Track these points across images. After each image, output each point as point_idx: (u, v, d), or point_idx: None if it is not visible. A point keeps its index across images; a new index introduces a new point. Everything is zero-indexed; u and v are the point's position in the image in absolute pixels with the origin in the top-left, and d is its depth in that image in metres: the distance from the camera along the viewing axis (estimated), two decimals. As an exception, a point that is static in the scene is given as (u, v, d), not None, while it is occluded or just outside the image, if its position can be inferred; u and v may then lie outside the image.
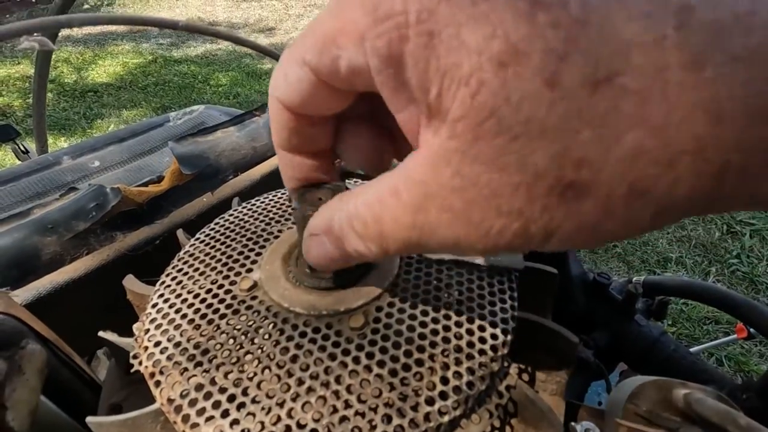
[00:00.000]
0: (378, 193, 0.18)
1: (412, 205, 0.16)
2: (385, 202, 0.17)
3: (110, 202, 0.46)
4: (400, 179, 0.17)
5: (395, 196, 0.17)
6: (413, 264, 0.33)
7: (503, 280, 0.33)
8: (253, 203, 0.43)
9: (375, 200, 0.18)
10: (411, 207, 0.16)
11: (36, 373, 0.30)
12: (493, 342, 0.28)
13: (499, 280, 0.33)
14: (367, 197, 0.18)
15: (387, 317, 0.29)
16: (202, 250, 0.37)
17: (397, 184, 0.17)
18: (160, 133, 1.02)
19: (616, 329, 0.51)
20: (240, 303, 0.31)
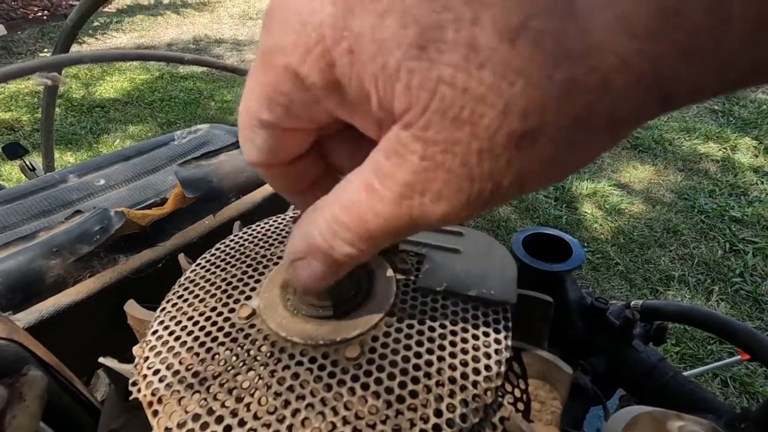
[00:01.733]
0: (352, 194, 0.18)
1: (390, 197, 0.17)
2: (363, 201, 0.18)
3: (114, 225, 0.47)
4: (371, 175, 0.17)
5: (372, 192, 0.17)
6: (408, 293, 0.34)
7: (497, 309, 0.33)
8: (253, 228, 0.44)
9: (352, 201, 0.18)
10: (390, 198, 0.17)
11: (36, 399, 0.31)
12: (487, 373, 0.28)
13: (493, 309, 0.33)
14: (342, 201, 0.19)
15: (382, 347, 0.30)
16: (202, 276, 0.38)
17: (369, 181, 0.17)
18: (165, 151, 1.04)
19: (613, 355, 0.51)
20: (238, 331, 0.32)
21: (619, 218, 2.36)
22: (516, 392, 0.34)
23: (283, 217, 0.46)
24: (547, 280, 0.55)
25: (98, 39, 5.74)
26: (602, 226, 2.30)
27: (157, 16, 6.55)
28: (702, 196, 2.48)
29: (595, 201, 2.48)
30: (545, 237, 0.61)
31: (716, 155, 2.84)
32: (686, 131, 3.13)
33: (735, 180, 2.59)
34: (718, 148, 2.91)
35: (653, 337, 0.54)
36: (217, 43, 5.52)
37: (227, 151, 0.62)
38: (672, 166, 2.78)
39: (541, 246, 0.60)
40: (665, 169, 2.75)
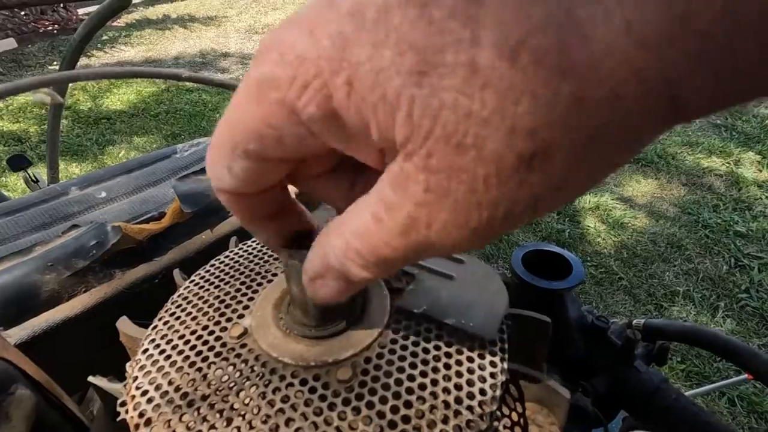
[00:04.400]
0: (362, 222, 0.18)
1: (397, 229, 0.17)
2: (372, 231, 0.18)
3: (110, 240, 0.47)
4: (379, 206, 0.17)
5: (379, 224, 0.17)
6: (403, 313, 0.33)
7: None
8: (249, 244, 0.44)
9: (363, 230, 0.18)
10: (397, 230, 0.17)
11: (23, 419, 0.30)
12: (482, 397, 0.28)
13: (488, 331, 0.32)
14: (354, 228, 0.18)
15: (375, 369, 0.29)
16: (195, 293, 0.37)
17: (377, 212, 0.17)
18: (167, 164, 1.04)
19: (615, 375, 0.50)
20: (229, 351, 0.31)
21: (623, 232, 2.34)
22: (513, 416, 0.33)
23: (280, 233, 0.46)
24: (547, 298, 0.54)
25: (106, 53, 5.84)
26: (605, 240, 2.28)
27: (165, 30, 6.66)
28: (706, 211, 2.46)
29: (598, 215, 2.47)
30: (546, 254, 0.60)
31: (720, 170, 2.83)
32: (689, 145, 3.13)
33: (739, 195, 2.57)
34: (722, 162, 2.90)
35: (655, 358, 0.53)
36: (223, 57, 5.59)
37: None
38: (675, 180, 2.77)
39: (542, 263, 0.60)
40: (668, 184, 2.74)
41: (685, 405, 0.46)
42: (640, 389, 0.48)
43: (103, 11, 1.01)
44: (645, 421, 0.48)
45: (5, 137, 3.45)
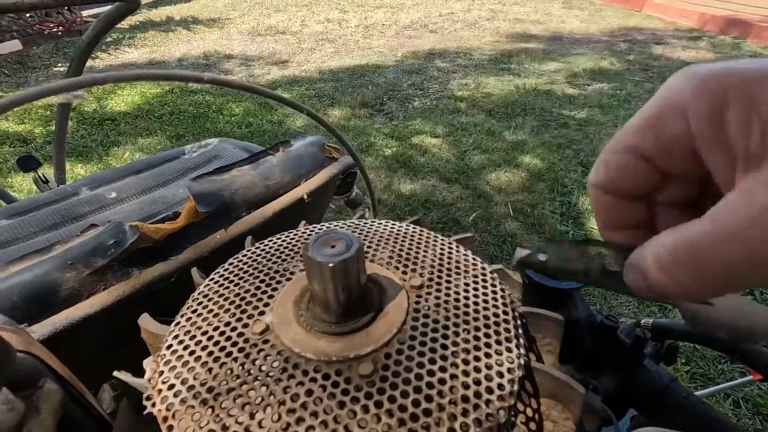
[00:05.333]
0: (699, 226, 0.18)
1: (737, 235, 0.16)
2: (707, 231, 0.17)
3: (128, 239, 0.48)
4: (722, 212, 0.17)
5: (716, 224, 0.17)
6: (421, 310, 0.34)
7: (509, 328, 0.33)
8: (266, 243, 0.44)
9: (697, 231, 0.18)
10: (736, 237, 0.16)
11: (51, 413, 0.31)
12: (500, 392, 0.28)
13: (505, 328, 0.33)
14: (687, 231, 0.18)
15: (395, 365, 0.30)
16: (215, 291, 0.38)
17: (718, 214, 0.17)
18: (175, 165, 1.05)
19: (624, 374, 0.50)
20: (252, 346, 0.32)
21: (626, 234, 2.34)
22: (528, 411, 0.34)
23: (295, 233, 0.47)
24: (556, 298, 0.55)
25: (111, 54, 5.86)
26: (609, 242, 2.28)
27: (168, 32, 6.69)
28: (709, 213, 2.47)
29: (602, 216, 2.47)
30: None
31: (723, 171, 2.83)
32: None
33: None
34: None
35: (664, 357, 0.54)
36: (226, 59, 5.62)
37: (239, 167, 0.63)
38: (679, 182, 2.77)
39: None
40: (672, 185, 2.74)
41: (694, 403, 0.46)
42: (650, 388, 0.48)
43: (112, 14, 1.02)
44: (654, 420, 0.49)
45: (11, 138, 3.47)
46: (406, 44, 6.00)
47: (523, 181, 2.82)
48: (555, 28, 6.49)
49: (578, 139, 3.31)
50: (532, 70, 4.81)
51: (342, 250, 0.30)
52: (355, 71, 4.95)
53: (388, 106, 4.04)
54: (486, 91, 4.24)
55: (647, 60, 4.96)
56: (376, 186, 2.80)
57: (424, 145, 3.30)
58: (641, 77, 4.51)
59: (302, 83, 4.65)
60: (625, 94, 4.08)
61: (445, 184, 2.82)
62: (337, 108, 4.00)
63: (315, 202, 0.72)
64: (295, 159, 0.67)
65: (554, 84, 4.38)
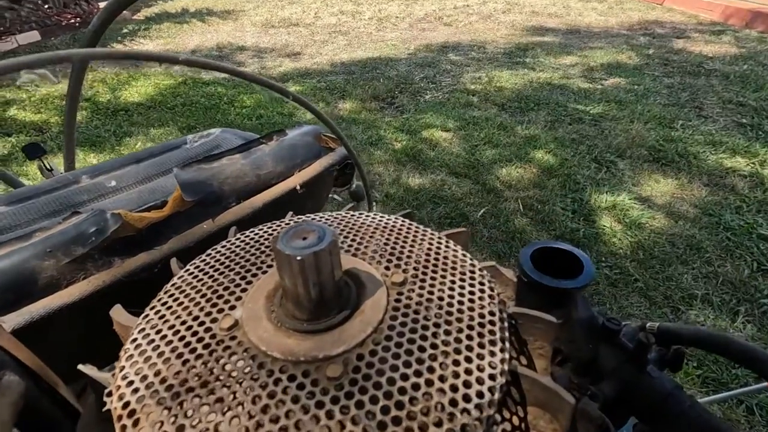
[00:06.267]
0: None
1: None
2: None
3: (110, 227, 0.47)
4: None
5: None
6: (400, 309, 0.32)
7: (495, 330, 0.31)
8: (246, 234, 0.43)
9: None
10: None
11: (9, 406, 0.30)
12: (479, 401, 0.26)
13: (490, 330, 0.31)
14: None
15: (367, 367, 0.28)
16: (189, 283, 0.36)
17: None
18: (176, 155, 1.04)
19: (626, 380, 0.47)
20: (218, 343, 0.30)
21: (640, 233, 2.28)
22: (514, 420, 0.31)
23: (279, 224, 0.45)
24: (556, 298, 0.52)
25: (126, 45, 5.91)
26: (621, 241, 2.23)
27: (183, 24, 6.73)
28: (728, 213, 2.38)
29: (615, 215, 2.41)
30: (555, 252, 0.58)
31: (744, 170, 2.73)
32: (712, 144, 3.03)
33: (764, 196, 2.48)
34: (746, 162, 2.80)
35: (669, 363, 0.51)
36: (239, 51, 5.62)
37: (230, 155, 0.61)
38: (696, 180, 2.68)
39: (551, 261, 0.57)
40: (689, 184, 2.65)
41: (699, 413, 0.44)
42: (652, 395, 0.46)
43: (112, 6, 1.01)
44: (656, 428, 0.46)
45: (27, 127, 3.53)
46: (419, 37, 5.92)
47: (535, 177, 2.77)
48: (572, 22, 6.34)
49: (592, 134, 3.22)
50: (547, 64, 4.71)
51: (313, 243, 0.28)
52: (367, 64, 4.91)
53: (400, 99, 4.00)
54: (499, 85, 4.16)
55: (667, 54, 4.81)
56: (384, 180, 2.77)
57: (435, 139, 3.25)
58: (660, 72, 4.37)
59: (314, 75, 4.63)
60: (643, 89, 3.97)
61: (454, 178, 2.78)
62: (348, 101, 3.97)
63: (311, 192, 0.70)
64: (288, 149, 0.65)
65: (569, 78, 4.28)
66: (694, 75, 4.27)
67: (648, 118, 3.41)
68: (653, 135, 3.15)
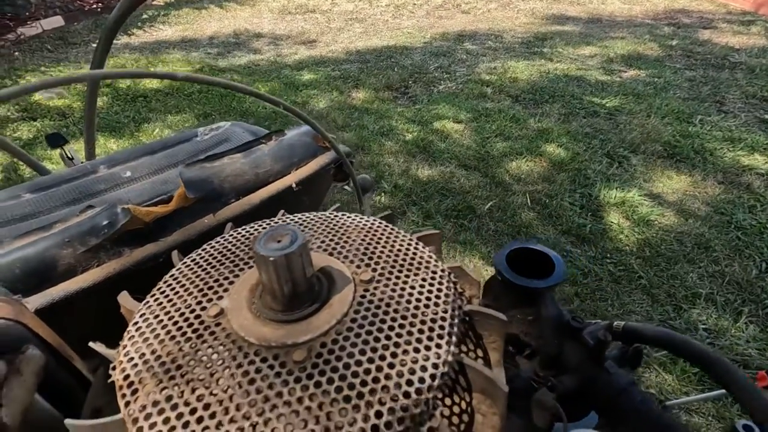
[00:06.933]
0: None
1: None
2: None
3: (120, 221, 0.52)
4: None
5: None
6: (364, 304, 0.36)
7: (444, 326, 0.35)
8: (239, 231, 0.47)
9: None
10: None
11: (32, 375, 0.35)
12: (419, 385, 0.30)
13: (440, 326, 0.35)
14: None
15: (328, 353, 0.32)
16: (185, 274, 0.41)
17: None
18: (188, 147, 1.10)
19: (585, 374, 0.51)
20: (206, 328, 0.35)
21: (647, 230, 2.27)
22: (462, 404, 0.36)
23: (269, 222, 0.49)
24: (528, 296, 0.56)
25: (146, 31, 6.02)
26: (628, 238, 2.23)
27: (201, 10, 6.79)
28: (741, 212, 2.35)
29: (623, 211, 2.40)
30: (532, 252, 0.61)
31: (761, 168, 2.67)
32: (730, 141, 2.97)
33: (780, 196, 2.44)
34: (765, 160, 2.74)
35: (630, 360, 0.54)
36: (256, 38, 5.67)
37: (231, 155, 0.66)
38: (711, 177, 2.64)
39: (529, 261, 0.61)
40: (703, 181, 2.62)
41: (649, 408, 0.47)
42: (607, 390, 0.49)
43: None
44: (610, 421, 0.50)
45: (51, 112, 3.66)
46: (436, 25, 5.87)
47: (544, 170, 2.76)
48: (594, 10, 6.18)
49: (607, 128, 3.19)
50: (565, 54, 4.63)
51: (286, 245, 0.33)
52: (382, 52, 4.90)
53: (413, 89, 4.00)
54: (514, 75, 4.12)
55: (691, 46, 4.67)
56: (394, 170, 2.80)
57: (446, 130, 3.26)
58: (682, 64, 4.26)
59: (328, 64, 4.65)
60: (663, 82, 3.88)
61: (463, 171, 2.80)
62: (362, 90, 3.99)
63: (307, 189, 0.74)
64: (287, 148, 0.69)
65: (587, 70, 4.21)
66: (718, 68, 4.15)
67: (666, 112, 3.35)
68: (669, 130, 3.10)
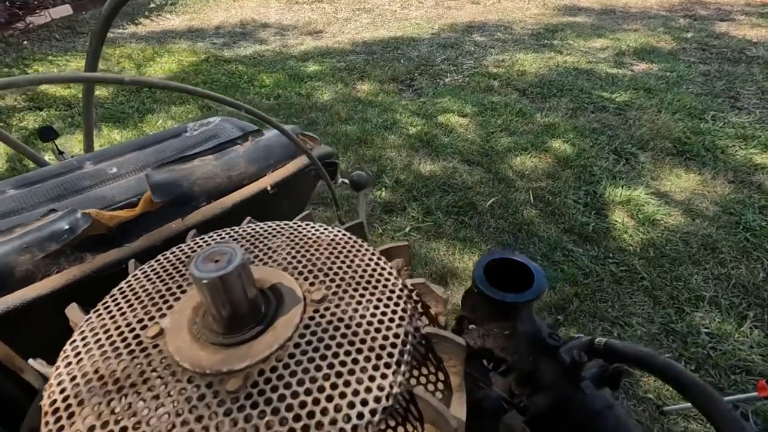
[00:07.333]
0: None
1: None
2: None
3: (81, 226, 0.51)
4: None
5: None
6: (311, 326, 0.34)
7: (394, 353, 0.33)
8: (196, 242, 0.45)
9: None
10: None
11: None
12: (357, 422, 0.28)
13: (389, 353, 0.33)
14: None
15: (265, 383, 0.30)
16: (132, 288, 0.39)
17: None
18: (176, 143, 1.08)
19: (559, 395, 0.49)
20: (142, 350, 0.33)
21: (653, 230, 2.22)
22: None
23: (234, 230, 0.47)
24: (504, 310, 0.54)
25: (153, 20, 6.01)
26: (632, 237, 2.18)
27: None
28: (750, 212, 2.28)
29: (628, 209, 2.35)
30: (513, 263, 0.59)
31: (775, 167, 2.60)
32: (743, 138, 2.88)
33: (793, 196, 2.36)
34: (778, 159, 2.66)
35: (608, 380, 0.51)
36: (262, 28, 5.63)
37: (203, 156, 0.64)
38: (721, 176, 2.57)
39: (510, 271, 0.58)
40: (713, 180, 2.55)
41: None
42: (582, 411, 0.47)
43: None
44: (584, 445, 0.48)
45: (57, 102, 3.67)
46: (444, 15, 5.77)
47: (549, 167, 2.71)
48: (608, 1, 6.03)
49: (615, 124, 3.11)
50: (575, 47, 4.53)
51: (222, 266, 0.31)
52: (388, 44, 4.84)
53: (419, 81, 3.95)
54: (522, 68, 4.04)
55: (707, 38, 4.54)
56: (396, 165, 2.77)
57: (450, 124, 3.21)
58: (697, 58, 4.14)
59: (334, 55, 4.60)
60: (676, 76, 3.78)
61: (466, 166, 2.75)
62: (366, 82, 3.94)
63: (286, 192, 0.72)
64: (263, 149, 0.67)
65: (597, 63, 4.11)
66: (734, 62, 4.03)
67: (677, 107, 3.26)
68: (680, 126, 3.01)
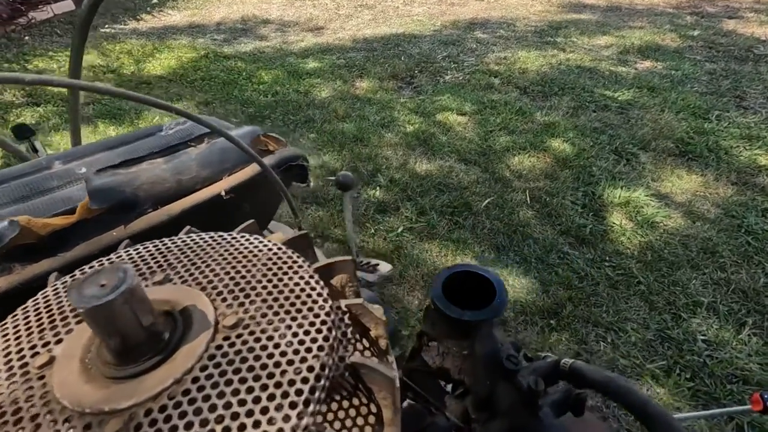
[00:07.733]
0: None
1: None
2: None
3: (7, 235, 0.48)
4: None
5: None
6: (216, 357, 0.30)
7: (303, 389, 0.29)
8: (119, 255, 0.42)
9: None
10: None
11: None
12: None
13: (297, 389, 0.29)
14: None
15: (149, 426, 0.27)
16: (36, 307, 0.36)
17: None
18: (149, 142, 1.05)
19: (516, 421, 0.45)
20: (25, 381, 0.30)
21: (651, 232, 2.17)
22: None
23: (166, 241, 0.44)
24: (461, 328, 0.50)
25: (154, 16, 5.99)
26: (630, 240, 2.12)
27: (210, -5, 6.72)
28: (753, 215, 2.22)
29: (627, 211, 2.30)
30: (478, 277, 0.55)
31: (780, 169, 2.53)
32: (748, 139, 2.81)
33: (798, 199, 2.30)
34: (784, 160, 2.59)
35: (572, 406, 0.48)
36: (263, 24, 5.59)
37: (152, 159, 0.60)
38: (723, 178, 2.51)
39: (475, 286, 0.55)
40: (715, 181, 2.48)
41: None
42: (538, 443, 0.43)
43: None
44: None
45: (55, 98, 3.66)
46: (447, 12, 5.70)
47: (547, 167, 2.66)
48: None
49: (617, 123, 3.05)
50: (579, 44, 4.45)
51: (105, 292, 0.27)
52: (389, 41, 4.78)
53: (418, 79, 3.89)
54: (524, 66, 3.97)
55: (714, 36, 4.44)
56: (391, 164, 2.73)
57: (449, 122, 3.16)
58: (703, 56, 4.05)
59: (334, 52, 4.56)
60: (681, 74, 3.69)
61: (463, 165, 2.71)
62: (366, 79, 3.90)
63: (245, 196, 0.68)
64: (218, 152, 0.63)
65: (601, 61, 4.03)
66: (741, 60, 3.93)
67: (681, 107, 3.19)
68: (683, 126, 2.95)
